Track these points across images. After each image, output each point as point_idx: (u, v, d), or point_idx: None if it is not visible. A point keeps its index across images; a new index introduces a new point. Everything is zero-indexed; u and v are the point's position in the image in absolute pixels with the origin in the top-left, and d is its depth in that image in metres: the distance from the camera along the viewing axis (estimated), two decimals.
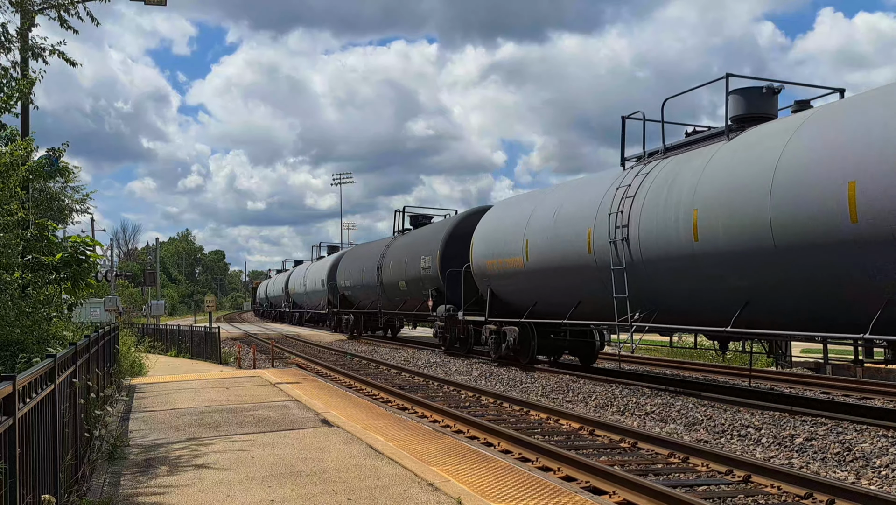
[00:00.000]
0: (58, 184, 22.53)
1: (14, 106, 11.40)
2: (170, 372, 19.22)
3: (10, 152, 10.27)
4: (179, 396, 13.49)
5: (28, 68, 12.51)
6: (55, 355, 5.43)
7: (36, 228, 11.30)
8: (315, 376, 18.21)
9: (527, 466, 8.36)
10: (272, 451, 8.32)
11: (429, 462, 7.73)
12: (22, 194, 10.88)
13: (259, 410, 11.49)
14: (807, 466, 8.95)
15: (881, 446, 9.21)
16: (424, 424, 11.19)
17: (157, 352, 26.86)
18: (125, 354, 18.64)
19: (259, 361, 24.25)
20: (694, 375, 18.67)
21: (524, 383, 16.92)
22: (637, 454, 9.66)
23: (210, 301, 45.00)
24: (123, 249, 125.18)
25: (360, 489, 6.59)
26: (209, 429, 9.87)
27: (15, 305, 9.81)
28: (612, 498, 7.50)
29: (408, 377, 19.37)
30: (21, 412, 4.04)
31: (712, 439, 10.55)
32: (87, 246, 11.41)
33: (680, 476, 8.45)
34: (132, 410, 11.84)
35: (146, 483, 6.98)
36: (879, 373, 17.78)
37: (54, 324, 11.12)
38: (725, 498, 7.53)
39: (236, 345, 28.76)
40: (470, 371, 19.96)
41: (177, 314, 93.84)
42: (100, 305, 40.11)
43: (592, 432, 11.01)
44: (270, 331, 48.22)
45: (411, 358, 24.55)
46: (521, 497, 6.43)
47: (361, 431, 9.49)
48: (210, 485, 6.82)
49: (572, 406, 13.78)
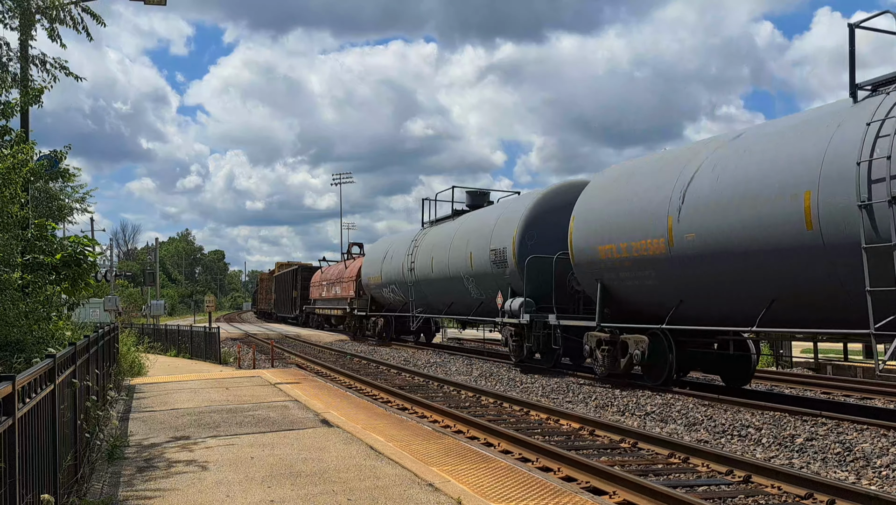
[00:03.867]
0: (58, 184, 22.54)
1: (15, 114, 11.41)
2: (169, 372, 19.21)
3: (13, 155, 10.27)
4: (179, 396, 13.48)
5: (28, 78, 12.50)
6: (55, 355, 5.42)
7: (36, 228, 11.30)
8: (315, 376, 18.21)
9: (527, 466, 8.35)
10: (272, 451, 8.31)
11: (429, 462, 7.72)
12: (22, 196, 10.87)
13: (259, 410, 11.49)
14: (807, 466, 8.94)
15: (881, 446, 9.20)
16: (424, 425, 11.18)
17: (157, 352, 26.82)
18: (125, 354, 18.63)
19: (259, 362, 24.24)
20: (694, 376, 18.67)
21: (524, 384, 16.92)
22: (637, 454, 9.65)
23: (210, 301, 44.91)
24: (123, 249, 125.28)
25: (359, 489, 6.58)
26: (209, 429, 9.86)
27: (15, 305, 9.80)
28: (613, 498, 7.50)
29: (408, 377, 19.36)
30: (20, 412, 4.03)
31: (712, 440, 10.54)
32: (87, 246, 11.41)
33: (680, 476, 8.44)
34: (132, 410, 11.83)
35: (146, 483, 6.97)
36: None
37: (54, 324, 11.12)
38: (726, 498, 7.52)
39: (236, 345, 28.74)
40: (470, 371, 19.93)
41: (176, 314, 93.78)
42: (99, 305, 40.13)
43: (593, 433, 11.00)
44: (270, 331, 48.24)
45: (411, 358, 24.54)
46: (521, 497, 6.42)
47: (361, 432, 9.48)
48: (210, 485, 6.81)
49: (572, 406, 13.77)
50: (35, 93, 11.44)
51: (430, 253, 27.01)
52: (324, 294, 45.64)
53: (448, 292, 25.73)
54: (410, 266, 28.70)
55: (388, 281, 31.63)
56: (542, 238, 19.76)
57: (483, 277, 22.39)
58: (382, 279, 32.36)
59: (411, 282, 28.77)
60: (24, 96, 11.47)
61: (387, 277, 31.82)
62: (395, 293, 31.43)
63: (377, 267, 33.25)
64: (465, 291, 24.04)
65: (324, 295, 45.59)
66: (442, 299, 26.59)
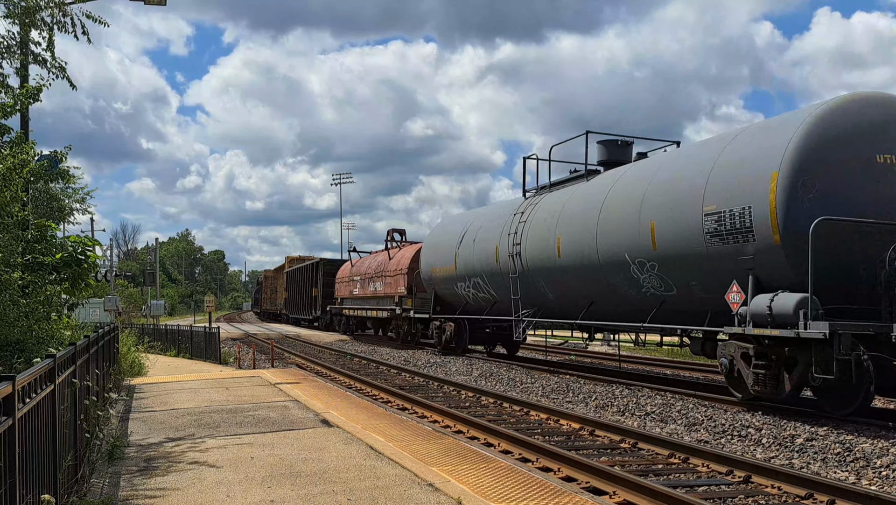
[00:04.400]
0: (59, 185, 22.53)
1: (14, 113, 11.40)
2: (169, 372, 19.21)
3: (14, 155, 10.27)
4: (179, 396, 13.48)
5: (28, 75, 12.49)
6: (55, 355, 5.42)
7: (36, 229, 11.30)
8: (315, 376, 18.21)
9: (527, 466, 8.35)
10: (272, 451, 8.31)
11: (429, 462, 7.72)
12: (22, 196, 10.87)
13: (259, 410, 11.49)
14: (807, 466, 8.94)
15: (881, 447, 9.20)
16: (424, 425, 11.18)
17: (157, 352, 26.83)
18: (125, 354, 18.63)
19: (259, 362, 24.25)
20: (694, 375, 18.67)
21: (524, 384, 16.91)
22: (637, 455, 9.65)
23: (210, 301, 44.90)
24: (123, 249, 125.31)
25: (359, 490, 6.58)
26: (209, 429, 9.86)
27: (15, 305, 9.80)
28: (613, 498, 7.50)
29: (408, 377, 19.35)
30: (20, 412, 4.03)
31: (712, 440, 10.54)
32: (87, 246, 11.41)
33: (680, 476, 8.44)
34: (132, 410, 11.83)
35: (146, 483, 6.97)
36: None
37: (54, 324, 11.12)
38: (726, 498, 7.52)
39: (236, 345, 28.75)
40: (470, 371, 19.92)
41: (176, 314, 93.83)
42: (99, 305, 40.15)
43: (593, 433, 11.00)
44: (270, 331, 48.22)
45: (411, 358, 24.53)
46: (521, 497, 6.42)
47: (361, 432, 9.48)
48: (210, 485, 6.81)
49: (572, 406, 13.77)
50: (33, 91, 11.43)
51: (553, 229, 18.11)
52: (356, 291, 37.16)
53: (590, 286, 16.83)
54: (513, 250, 19.85)
55: (468, 272, 23.23)
56: (830, 190, 11.27)
57: (683, 259, 13.51)
58: (458, 270, 23.93)
59: (515, 272, 19.85)
60: (23, 91, 11.46)
61: (465, 266, 23.39)
62: (478, 289, 22.85)
63: (447, 254, 24.85)
64: (630, 283, 15.24)
65: (356, 293, 37.11)
66: (574, 297, 17.70)
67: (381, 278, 33.08)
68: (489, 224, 22.11)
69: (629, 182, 15.76)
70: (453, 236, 24.66)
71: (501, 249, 20.54)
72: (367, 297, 35.20)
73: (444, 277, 25.10)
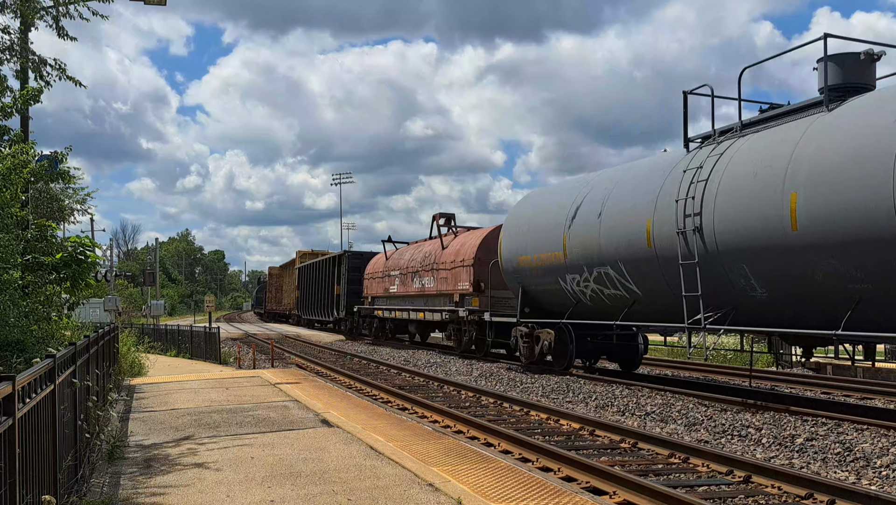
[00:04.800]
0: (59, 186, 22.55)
1: (12, 115, 11.43)
2: (169, 372, 19.21)
3: (14, 155, 10.28)
4: (179, 396, 13.48)
5: (27, 77, 12.51)
6: (55, 355, 5.42)
7: (36, 229, 11.31)
8: (315, 376, 18.21)
9: (527, 466, 8.35)
10: (272, 451, 8.31)
11: (429, 462, 7.72)
12: (22, 196, 10.88)
13: (259, 410, 11.49)
14: (807, 466, 8.94)
15: (882, 446, 9.20)
16: (424, 425, 11.18)
17: (157, 352, 26.82)
18: (125, 354, 18.64)
19: (259, 362, 24.25)
20: (694, 375, 18.68)
21: (524, 384, 16.91)
22: (637, 455, 9.65)
23: (210, 301, 44.92)
24: (123, 249, 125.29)
25: (360, 490, 6.58)
26: (209, 429, 9.86)
27: (15, 305, 9.81)
28: (613, 498, 7.50)
29: (408, 377, 19.36)
30: (21, 412, 4.03)
31: (713, 440, 10.54)
32: (87, 246, 11.42)
33: (680, 476, 8.44)
34: (132, 410, 11.83)
35: (146, 483, 6.97)
36: (880, 372, 17.78)
37: (54, 324, 11.13)
38: (726, 498, 7.52)
39: (236, 345, 28.76)
40: (470, 371, 19.93)
41: (176, 314, 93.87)
42: (99, 305, 40.19)
43: (593, 433, 11.00)
44: (270, 331, 48.25)
45: (411, 358, 24.54)
46: (521, 497, 6.42)
47: (361, 432, 9.49)
48: (210, 485, 6.81)
49: (573, 406, 13.77)
50: (34, 92, 11.45)
51: (777, 186, 11.65)
52: (394, 289, 31.14)
53: (864, 271, 10.53)
54: (686, 224, 13.34)
55: (589, 260, 16.34)
56: None
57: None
58: (569, 258, 17.05)
59: (691, 256, 13.19)
60: (23, 93, 11.47)
61: (584, 252, 16.54)
62: (606, 284, 15.96)
63: (549, 236, 18.05)
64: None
65: (394, 290, 31.08)
66: (814, 290, 11.26)
67: (432, 272, 27.02)
68: (627, 190, 15.57)
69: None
70: (559, 212, 17.80)
71: (658, 224, 14.09)
72: (411, 295, 29.12)
73: (543, 269, 18.20)
